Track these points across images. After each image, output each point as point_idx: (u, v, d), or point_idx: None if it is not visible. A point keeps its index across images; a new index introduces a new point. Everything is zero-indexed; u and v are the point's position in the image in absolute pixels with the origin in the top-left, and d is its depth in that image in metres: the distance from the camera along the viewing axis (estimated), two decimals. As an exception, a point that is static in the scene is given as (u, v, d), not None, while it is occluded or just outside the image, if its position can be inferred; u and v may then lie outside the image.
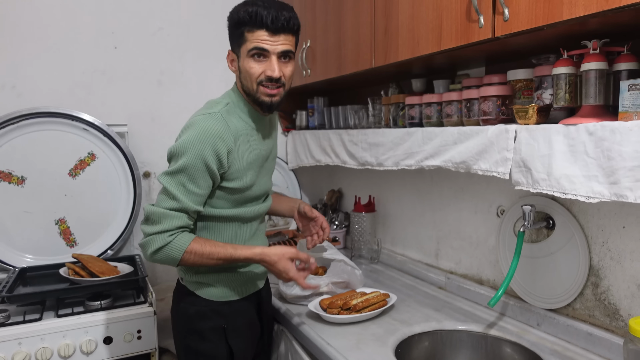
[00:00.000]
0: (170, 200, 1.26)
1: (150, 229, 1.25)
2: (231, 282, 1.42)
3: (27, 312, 1.58)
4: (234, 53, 1.36)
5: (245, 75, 1.32)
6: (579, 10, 0.94)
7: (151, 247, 1.25)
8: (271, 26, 1.26)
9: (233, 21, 1.32)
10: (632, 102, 0.98)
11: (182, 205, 1.26)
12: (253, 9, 1.26)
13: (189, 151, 1.24)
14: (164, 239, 1.25)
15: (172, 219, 1.25)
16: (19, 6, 2.00)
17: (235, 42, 1.34)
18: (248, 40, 1.29)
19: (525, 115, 1.19)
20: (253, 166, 1.38)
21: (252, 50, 1.28)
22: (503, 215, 1.55)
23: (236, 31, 1.32)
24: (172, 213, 1.25)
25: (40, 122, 1.97)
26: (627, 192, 0.96)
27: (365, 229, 2.21)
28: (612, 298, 1.26)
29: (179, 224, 1.26)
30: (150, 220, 1.26)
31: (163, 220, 1.25)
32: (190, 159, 1.24)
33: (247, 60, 1.30)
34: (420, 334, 1.45)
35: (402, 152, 1.60)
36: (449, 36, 1.28)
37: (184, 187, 1.25)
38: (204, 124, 1.27)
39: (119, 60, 2.18)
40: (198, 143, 1.24)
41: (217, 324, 1.39)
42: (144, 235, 1.27)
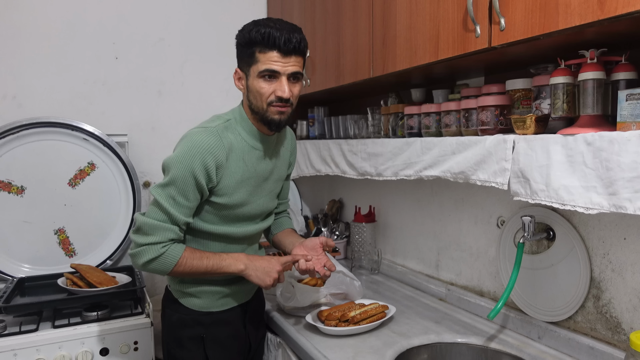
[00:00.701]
0: (160, 212, 1.28)
1: (143, 239, 1.27)
2: (213, 294, 1.43)
3: (23, 323, 1.57)
4: (242, 71, 1.36)
5: (255, 94, 1.33)
6: (575, 20, 0.93)
7: (143, 258, 1.27)
8: (283, 48, 1.27)
9: (244, 40, 1.32)
10: (631, 112, 0.97)
11: (172, 218, 1.28)
12: (266, 31, 1.27)
13: (178, 164, 1.26)
14: (157, 250, 1.27)
15: (165, 231, 1.28)
16: (20, 17, 2.01)
17: (245, 61, 1.34)
18: (260, 62, 1.29)
19: (523, 125, 1.18)
20: (246, 185, 1.38)
21: (263, 72, 1.29)
22: (503, 226, 1.53)
23: (247, 50, 1.32)
24: (164, 225, 1.27)
25: (41, 132, 1.98)
26: (626, 203, 0.94)
27: (365, 239, 2.19)
28: (614, 311, 1.24)
29: (171, 236, 1.29)
30: (141, 231, 1.28)
31: (155, 232, 1.27)
32: (179, 172, 1.26)
33: (257, 80, 1.31)
34: (419, 346, 1.43)
35: (401, 162, 1.59)
36: (446, 46, 1.27)
37: (174, 200, 1.27)
38: (196, 137, 1.29)
39: (119, 71, 2.19)
40: (188, 157, 1.26)
41: (196, 333, 1.42)
42: (135, 245, 1.28)
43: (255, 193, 1.42)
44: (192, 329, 1.41)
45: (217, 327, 1.44)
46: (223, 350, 1.44)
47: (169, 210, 1.27)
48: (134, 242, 1.29)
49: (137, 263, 1.29)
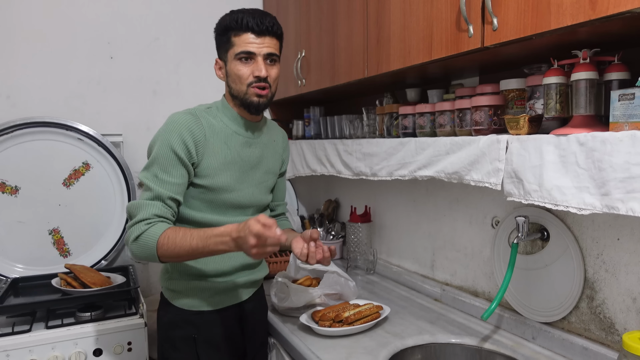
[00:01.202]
0: (145, 192, 1.29)
1: (130, 222, 1.27)
2: (202, 292, 1.41)
3: (16, 324, 1.57)
4: (222, 60, 1.41)
5: (234, 78, 1.36)
6: (567, 20, 0.93)
7: (130, 238, 1.25)
8: (256, 29, 1.33)
9: (220, 29, 1.39)
10: (623, 112, 0.96)
11: (155, 194, 1.27)
12: (239, 15, 1.34)
13: (158, 142, 1.30)
14: (140, 228, 1.24)
15: (147, 207, 1.26)
16: (14, 16, 2.00)
17: (222, 48, 1.39)
18: (235, 45, 1.34)
19: (517, 126, 1.18)
20: (230, 169, 1.38)
21: (239, 54, 1.34)
22: (498, 226, 1.53)
23: (223, 37, 1.38)
24: (147, 202, 1.27)
25: (35, 131, 1.97)
26: (618, 204, 0.94)
27: (361, 239, 2.19)
28: (608, 312, 1.24)
29: (155, 212, 1.26)
30: (129, 215, 1.29)
31: (140, 210, 1.26)
32: (159, 150, 1.29)
33: (235, 63, 1.35)
34: (413, 347, 1.42)
35: (396, 162, 1.59)
36: (439, 46, 1.27)
37: (156, 177, 1.28)
38: (174, 117, 1.33)
39: (114, 70, 2.18)
40: (165, 134, 1.30)
41: (188, 334, 1.40)
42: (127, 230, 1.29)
43: (242, 180, 1.41)
44: (183, 329, 1.40)
45: (209, 328, 1.42)
46: (215, 352, 1.43)
47: (151, 186, 1.28)
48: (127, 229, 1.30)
49: (127, 246, 1.28)
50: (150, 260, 1.27)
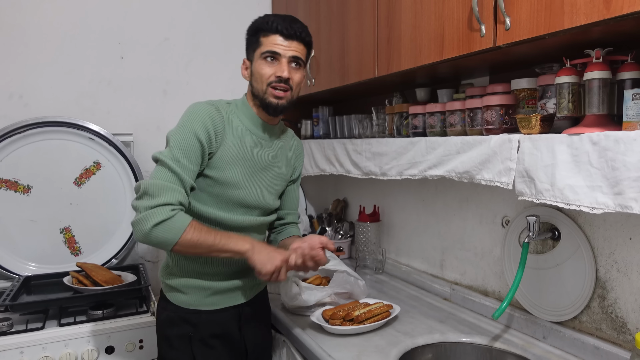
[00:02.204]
0: (168, 173, 1.24)
1: (150, 201, 1.19)
2: (200, 291, 1.40)
3: (29, 321, 1.58)
4: (248, 60, 1.43)
5: (256, 77, 1.38)
6: (581, 19, 0.93)
7: (151, 221, 1.18)
8: (285, 32, 1.36)
9: (251, 30, 1.42)
10: (637, 111, 0.96)
11: (180, 179, 1.25)
12: (270, 18, 1.38)
13: (181, 129, 1.29)
14: (166, 212, 1.19)
15: (174, 192, 1.22)
16: (26, 17, 2.02)
17: (251, 47, 1.41)
18: (262, 44, 1.37)
19: (529, 125, 1.18)
20: (240, 165, 1.37)
21: (265, 53, 1.36)
22: (508, 226, 1.53)
23: (252, 38, 1.40)
24: (173, 186, 1.23)
25: (47, 131, 1.99)
26: (632, 203, 0.94)
27: (369, 238, 2.19)
28: (619, 311, 1.24)
29: (180, 199, 1.24)
30: (147, 194, 1.21)
31: (164, 192, 1.21)
32: (182, 135, 1.28)
33: (260, 62, 1.37)
34: (424, 346, 1.43)
35: (406, 161, 1.59)
36: (450, 45, 1.27)
37: (179, 161, 1.25)
38: (197, 106, 1.34)
39: (125, 70, 2.20)
40: (189, 121, 1.30)
41: (184, 332, 1.39)
42: (141, 209, 1.19)
43: (251, 179, 1.40)
44: (179, 327, 1.39)
45: (206, 327, 1.40)
46: (212, 352, 1.41)
47: (176, 170, 1.24)
48: (138, 207, 1.20)
49: (144, 228, 1.18)
50: (163, 246, 1.22)
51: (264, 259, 1.30)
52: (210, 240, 1.26)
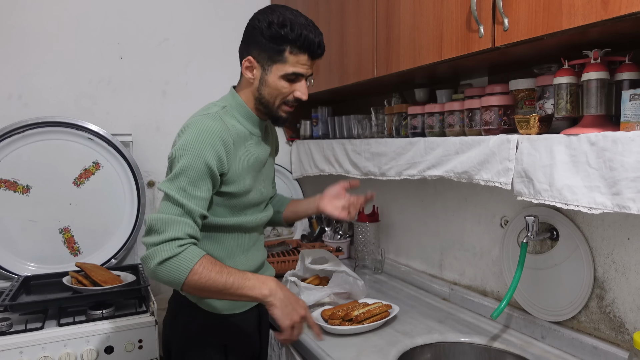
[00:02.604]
0: (173, 206, 1.16)
1: (155, 238, 1.13)
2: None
3: (29, 321, 1.58)
4: (258, 63, 1.30)
5: (272, 91, 1.31)
6: (579, 20, 0.93)
7: (157, 258, 1.11)
8: (314, 53, 1.28)
9: (272, 34, 1.26)
10: (634, 112, 0.97)
11: (186, 209, 1.16)
12: (302, 32, 1.25)
13: (188, 152, 1.18)
14: (172, 248, 1.12)
15: (179, 225, 1.15)
16: (26, 17, 2.03)
17: (267, 54, 1.28)
18: (288, 62, 1.27)
19: (527, 125, 1.18)
20: (251, 170, 1.34)
21: (289, 75, 1.28)
22: (507, 226, 1.53)
23: (274, 46, 1.27)
24: (178, 218, 1.15)
25: (46, 131, 1.99)
26: (629, 203, 0.95)
27: (369, 239, 2.19)
28: (618, 311, 1.24)
29: (188, 231, 1.16)
30: (153, 230, 1.15)
31: (169, 226, 1.14)
32: (189, 161, 1.18)
33: (280, 79, 1.29)
34: (423, 346, 1.43)
35: (405, 162, 1.59)
36: (449, 46, 1.27)
37: (185, 191, 1.17)
38: (202, 124, 1.22)
39: (124, 71, 2.20)
40: (197, 144, 1.19)
41: (220, 341, 1.36)
42: (147, 247, 1.15)
43: (257, 179, 1.38)
44: (214, 336, 1.35)
45: (237, 333, 1.39)
46: (241, 358, 1.41)
47: (181, 201, 1.15)
48: (145, 244, 1.15)
49: (149, 266, 1.13)
50: (172, 285, 1.16)
51: (289, 308, 1.21)
52: (221, 283, 1.16)
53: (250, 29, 1.31)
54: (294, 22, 1.25)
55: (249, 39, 1.32)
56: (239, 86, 1.40)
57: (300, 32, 1.25)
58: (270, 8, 1.30)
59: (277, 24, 1.25)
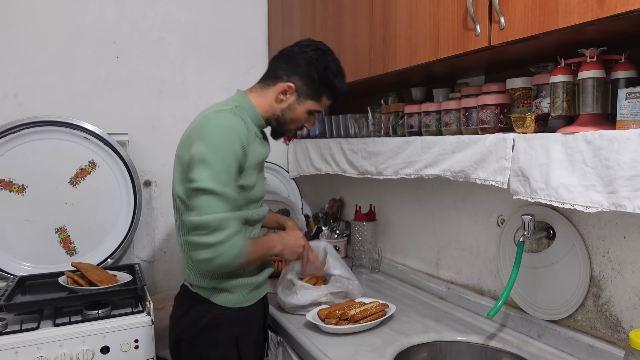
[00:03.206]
0: (221, 202, 1.25)
1: (218, 236, 1.24)
2: (247, 286, 1.43)
3: (24, 321, 1.57)
4: (297, 92, 1.45)
5: (294, 118, 1.48)
6: (575, 19, 0.93)
7: (229, 255, 1.26)
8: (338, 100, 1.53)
9: (323, 78, 1.44)
10: (630, 110, 0.97)
11: (233, 204, 1.29)
12: (343, 86, 1.49)
13: (220, 147, 1.27)
14: (239, 242, 1.28)
15: (235, 221, 1.28)
16: (21, 16, 2.01)
17: (308, 90, 1.45)
18: (320, 103, 1.48)
19: (523, 124, 1.18)
20: (256, 167, 1.41)
21: (314, 111, 1.50)
22: (503, 225, 1.54)
23: (318, 86, 1.45)
24: (231, 215, 1.27)
25: (41, 130, 1.98)
26: (625, 202, 0.95)
27: (366, 238, 2.19)
28: (614, 309, 1.24)
29: (239, 223, 1.32)
30: (210, 228, 1.23)
31: (229, 224, 1.26)
32: (223, 155, 1.27)
33: (305, 112, 1.48)
34: (419, 345, 1.43)
35: (401, 161, 1.59)
36: (446, 45, 1.27)
37: (227, 185, 1.27)
38: (225, 118, 1.31)
39: (120, 70, 2.19)
40: (226, 137, 1.28)
41: (231, 333, 1.40)
42: (207, 246, 1.23)
43: (258, 177, 1.45)
44: (226, 329, 1.40)
45: (248, 325, 1.45)
46: (252, 348, 1.46)
47: (229, 195, 1.27)
48: (205, 243, 1.23)
49: (224, 261, 1.26)
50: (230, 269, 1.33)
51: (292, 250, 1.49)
52: (260, 254, 1.39)
53: (301, 60, 1.44)
54: (341, 73, 1.48)
55: (297, 68, 1.44)
56: (253, 92, 1.49)
57: (342, 86, 1.48)
58: (323, 50, 1.46)
59: (331, 72, 1.45)
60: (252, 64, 2.46)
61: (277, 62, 1.48)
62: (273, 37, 2.42)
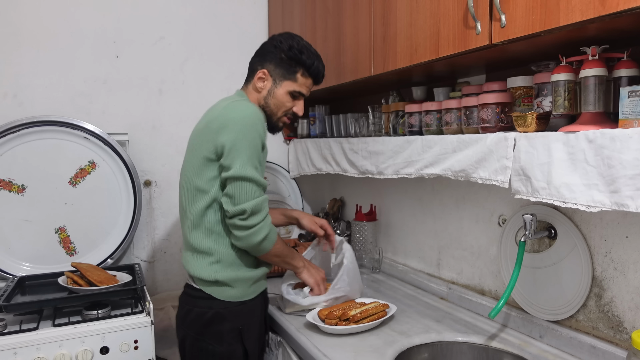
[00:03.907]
0: (257, 187, 1.37)
1: (258, 217, 1.36)
2: (247, 280, 1.47)
3: (23, 322, 1.57)
4: (271, 76, 1.52)
5: (277, 103, 1.54)
6: (576, 16, 0.92)
7: (262, 234, 1.37)
8: (318, 81, 1.58)
9: (291, 55, 1.51)
10: (632, 109, 0.96)
11: (264, 186, 1.40)
12: (316, 63, 1.53)
13: (249, 133, 1.37)
14: (268, 224, 1.40)
15: (266, 202, 1.40)
16: (20, 15, 2.01)
17: (280, 71, 1.52)
18: (297, 82, 1.53)
19: (525, 123, 1.17)
20: (263, 160, 1.47)
21: (295, 92, 1.54)
22: (504, 225, 1.53)
23: (289, 66, 1.52)
24: (264, 198, 1.39)
25: (41, 130, 1.98)
26: (628, 201, 0.94)
27: (366, 238, 2.19)
28: (616, 310, 1.23)
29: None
30: (254, 212, 1.36)
31: (263, 206, 1.38)
32: (253, 141, 1.37)
33: (286, 94, 1.53)
34: (420, 345, 1.42)
35: (402, 160, 1.58)
36: (446, 43, 1.26)
37: (257, 169, 1.38)
38: (248, 106, 1.41)
39: (120, 69, 2.19)
40: (252, 127, 1.38)
41: (235, 326, 1.45)
42: (249, 227, 1.36)
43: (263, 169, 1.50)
44: (230, 322, 1.44)
45: (251, 317, 1.49)
46: (255, 340, 1.50)
47: (261, 181, 1.38)
48: (247, 226, 1.35)
49: (254, 240, 1.37)
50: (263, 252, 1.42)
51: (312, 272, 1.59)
52: (285, 253, 1.50)
53: (269, 47, 1.54)
54: (309, 51, 1.53)
55: (266, 55, 1.53)
56: (246, 92, 1.57)
57: (313, 61, 1.53)
58: (289, 34, 1.55)
59: (296, 49, 1.50)
60: (253, 63, 2.45)
61: (252, 59, 1.59)
62: (273, 37, 2.41)
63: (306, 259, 1.62)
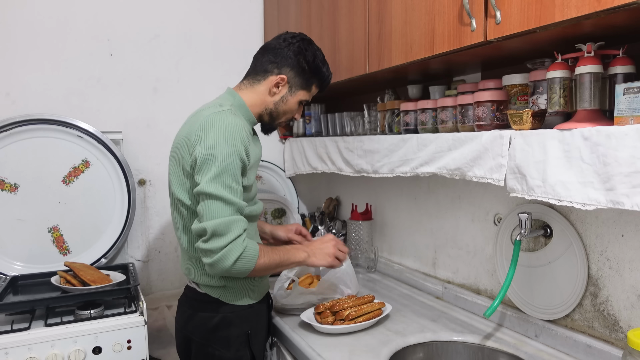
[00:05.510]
0: (225, 206, 1.25)
1: (222, 241, 1.24)
2: (254, 284, 1.44)
3: (15, 321, 1.55)
4: (289, 83, 1.46)
5: (286, 109, 1.49)
6: (572, 12, 0.92)
7: (230, 258, 1.24)
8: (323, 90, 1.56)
9: (313, 68, 1.47)
10: (628, 106, 0.95)
11: (237, 207, 1.27)
12: (329, 75, 1.53)
13: (224, 149, 1.26)
14: (240, 245, 1.25)
15: (238, 223, 1.26)
16: (13, 13, 1.99)
17: (300, 80, 1.47)
18: (310, 92, 1.51)
19: (520, 121, 1.16)
20: (254, 166, 1.43)
21: (304, 101, 1.52)
22: (500, 223, 1.52)
23: (309, 77, 1.48)
24: (234, 218, 1.26)
25: (34, 129, 1.96)
26: (623, 199, 0.93)
27: (362, 237, 2.18)
28: (612, 309, 1.22)
29: (243, 226, 1.28)
30: (217, 234, 1.24)
31: (232, 227, 1.25)
32: (227, 158, 1.26)
33: (297, 103, 1.50)
34: (415, 345, 1.41)
35: (397, 159, 1.57)
36: (441, 40, 1.25)
37: (230, 188, 1.26)
38: (227, 119, 1.30)
39: (114, 68, 2.17)
40: (230, 140, 1.27)
41: (242, 331, 1.42)
42: (215, 252, 1.24)
43: (254, 176, 1.46)
44: (238, 327, 1.41)
45: (258, 321, 1.47)
46: (261, 344, 1.49)
47: (232, 200, 1.26)
48: (210, 250, 1.24)
49: (224, 266, 1.25)
50: (242, 275, 1.31)
51: (322, 257, 1.47)
52: (277, 259, 1.37)
53: (289, 52, 1.44)
54: (326, 63, 1.51)
55: (286, 60, 1.44)
56: (243, 89, 1.48)
57: (329, 74, 1.52)
58: (307, 40, 1.49)
59: (320, 60, 1.48)
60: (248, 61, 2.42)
61: (264, 56, 1.47)
62: (269, 35, 2.40)
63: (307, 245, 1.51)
